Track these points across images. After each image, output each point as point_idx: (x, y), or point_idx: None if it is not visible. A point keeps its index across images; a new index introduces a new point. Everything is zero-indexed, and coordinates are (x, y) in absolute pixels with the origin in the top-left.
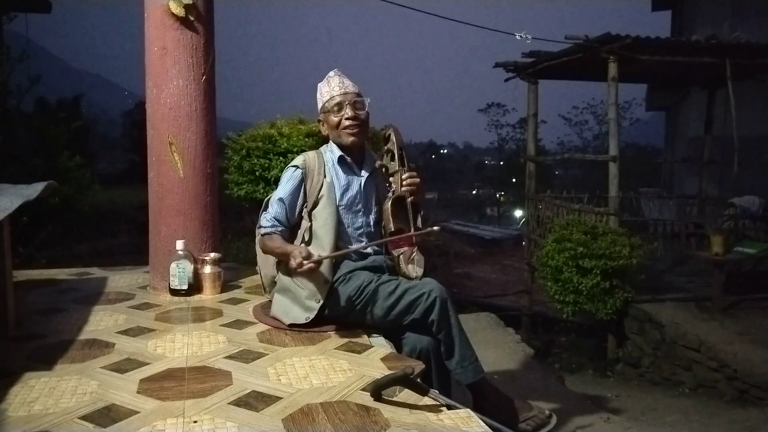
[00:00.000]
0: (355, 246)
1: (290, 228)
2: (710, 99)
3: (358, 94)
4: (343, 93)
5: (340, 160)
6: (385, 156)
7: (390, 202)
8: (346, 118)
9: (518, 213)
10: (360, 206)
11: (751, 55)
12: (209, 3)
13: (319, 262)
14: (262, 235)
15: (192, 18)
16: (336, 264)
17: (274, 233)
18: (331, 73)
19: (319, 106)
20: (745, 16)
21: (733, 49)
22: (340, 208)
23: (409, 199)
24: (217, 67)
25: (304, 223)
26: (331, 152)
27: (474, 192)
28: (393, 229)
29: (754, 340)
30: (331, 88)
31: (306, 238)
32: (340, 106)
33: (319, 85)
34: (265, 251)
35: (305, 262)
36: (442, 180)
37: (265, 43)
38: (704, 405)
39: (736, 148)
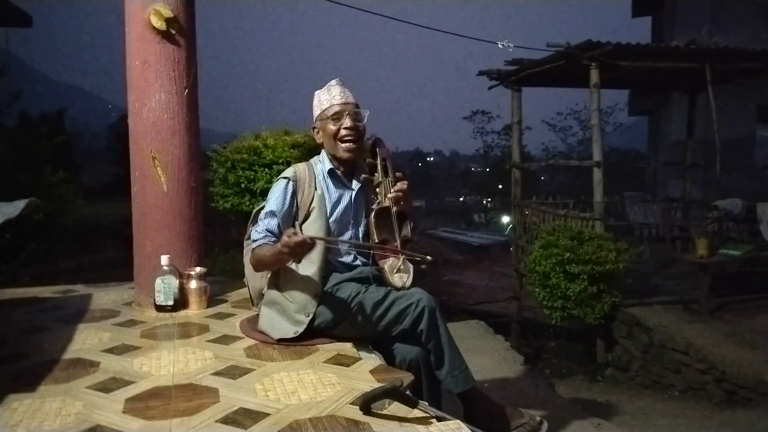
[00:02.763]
0: (349, 240)
1: None
2: (691, 103)
3: (357, 106)
4: (344, 103)
5: (331, 173)
6: (369, 168)
7: (374, 214)
8: (345, 128)
9: (506, 219)
10: (350, 219)
11: (730, 59)
12: (190, 16)
13: (313, 240)
14: (254, 249)
15: (173, 31)
16: (325, 277)
17: (266, 243)
18: (333, 82)
19: (317, 113)
20: (723, 21)
21: (712, 54)
22: (331, 221)
23: (394, 209)
24: (202, 78)
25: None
26: (322, 164)
27: (461, 199)
28: (377, 241)
29: (741, 341)
30: (331, 96)
31: None
32: (339, 115)
33: (317, 92)
34: (258, 264)
35: (296, 237)
36: (429, 187)
37: (250, 53)
38: (694, 408)
39: (718, 151)
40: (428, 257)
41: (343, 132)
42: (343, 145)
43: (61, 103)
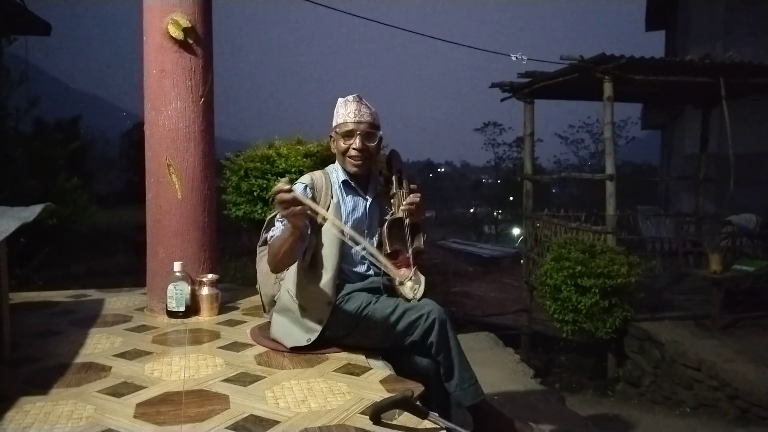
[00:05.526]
0: (354, 233)
1: None
2: (705, 117)
3: (372, 125)
4: (357, 122)
5: (346, 183)
6: (384, 180)
7: (387, 224)
8: (353, 148)
9: (516, 231)
10: (365, 228)
11: (744, 74)
12: (208, 25)
13: (299, 201)
14: (263, 244)
15: (191, 41)
16: (338, 286)
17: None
18: (351, 98)
19: (333, 124)
20: (737, 36)
21: (726, 69)
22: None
23: (407, 221)
24: (216, 86)
25: (310, 243)
26: (337, 173)
27: (471, 210)
28: (389, 251)
29: (754, 358)
30: (346, 112)
31: (309, 259)
32: (350, 134)
33: (338, 100)
34: (271, 257)
35: (285, 194)
36: (439, 198)
37: (265, 62)
38: (706, 425)
39: (732, 166)
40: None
41: (351, 152)
42: (351, 161)
43: (77, 110)
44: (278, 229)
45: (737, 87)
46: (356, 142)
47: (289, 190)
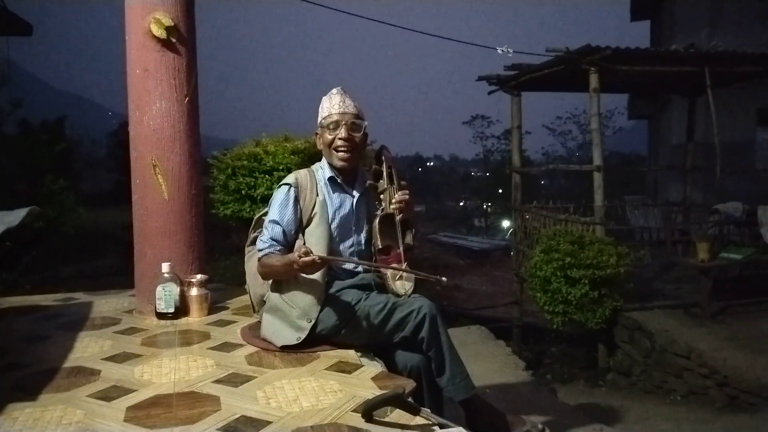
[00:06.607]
0: (356, 260)
1: (288, 248)
2: (691, 106)
3: (357, 116)
4: (342, 113)
5: (332, 180)
6: (374, 174)
7: (378, 220)
8: (340, 138)
9: (506, 223)
10: (352, 225)
11: (729, 63)
12: (191, 24)
13: (323, 260)
14: (260, 258)
15: (173, 40)
16: (327, 283)
17: (272, 252)
18: (334, 90)
19: (318, 120)
20: (722, 25)
21: (711, 58)
22: (333, 226)
23: (398, 217)
24: (202, 84)
25: (297, 242)
26: (323, 170)
27: (461, 203)
28: (381, 247)
29: (742, 345)
30: (331, 104)
31: None
32: (336, 125)
33: (322, 98)
34: (265, 273)
35: (306, 257)
36: (429, 192)
37: (251, 59)
38: (696, 412)
39: (719, 155)
40: (443, 279)
41: (338, 142)
42: (338, 154)
43: (61, 111)
44: (276, 256)
45: (722, 76)
46: (342, 131)
47: (323, 262)
